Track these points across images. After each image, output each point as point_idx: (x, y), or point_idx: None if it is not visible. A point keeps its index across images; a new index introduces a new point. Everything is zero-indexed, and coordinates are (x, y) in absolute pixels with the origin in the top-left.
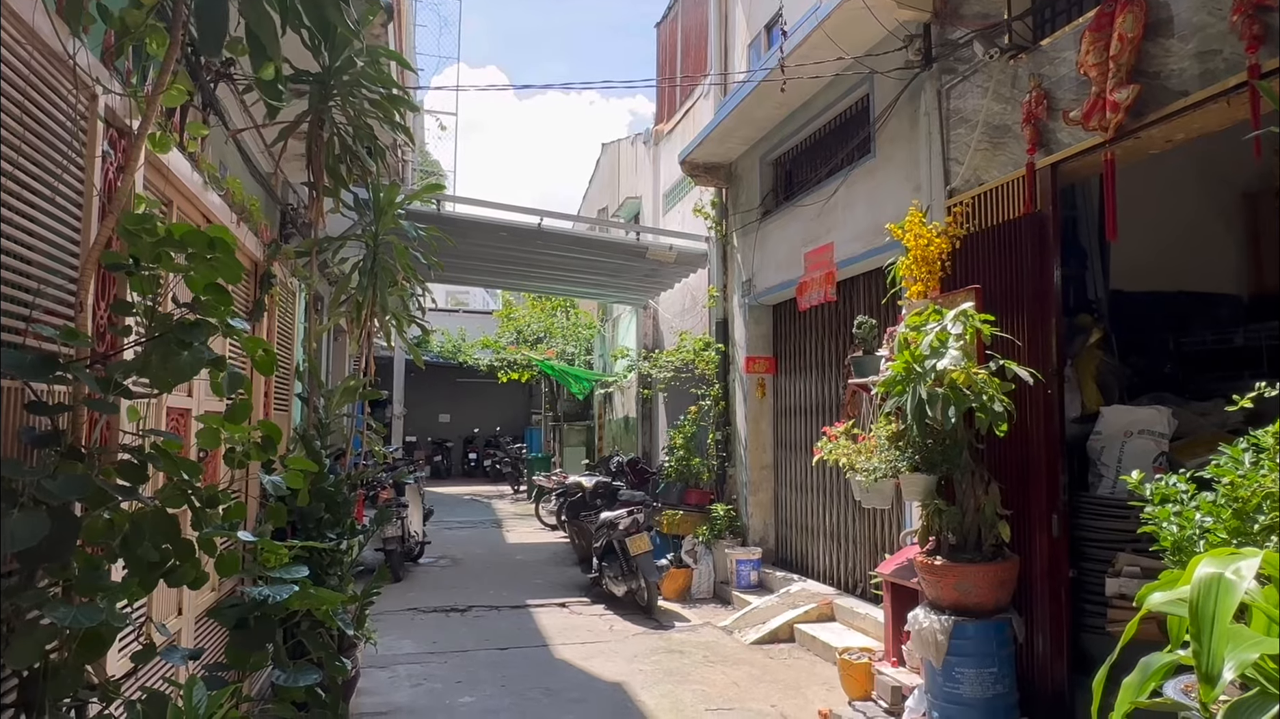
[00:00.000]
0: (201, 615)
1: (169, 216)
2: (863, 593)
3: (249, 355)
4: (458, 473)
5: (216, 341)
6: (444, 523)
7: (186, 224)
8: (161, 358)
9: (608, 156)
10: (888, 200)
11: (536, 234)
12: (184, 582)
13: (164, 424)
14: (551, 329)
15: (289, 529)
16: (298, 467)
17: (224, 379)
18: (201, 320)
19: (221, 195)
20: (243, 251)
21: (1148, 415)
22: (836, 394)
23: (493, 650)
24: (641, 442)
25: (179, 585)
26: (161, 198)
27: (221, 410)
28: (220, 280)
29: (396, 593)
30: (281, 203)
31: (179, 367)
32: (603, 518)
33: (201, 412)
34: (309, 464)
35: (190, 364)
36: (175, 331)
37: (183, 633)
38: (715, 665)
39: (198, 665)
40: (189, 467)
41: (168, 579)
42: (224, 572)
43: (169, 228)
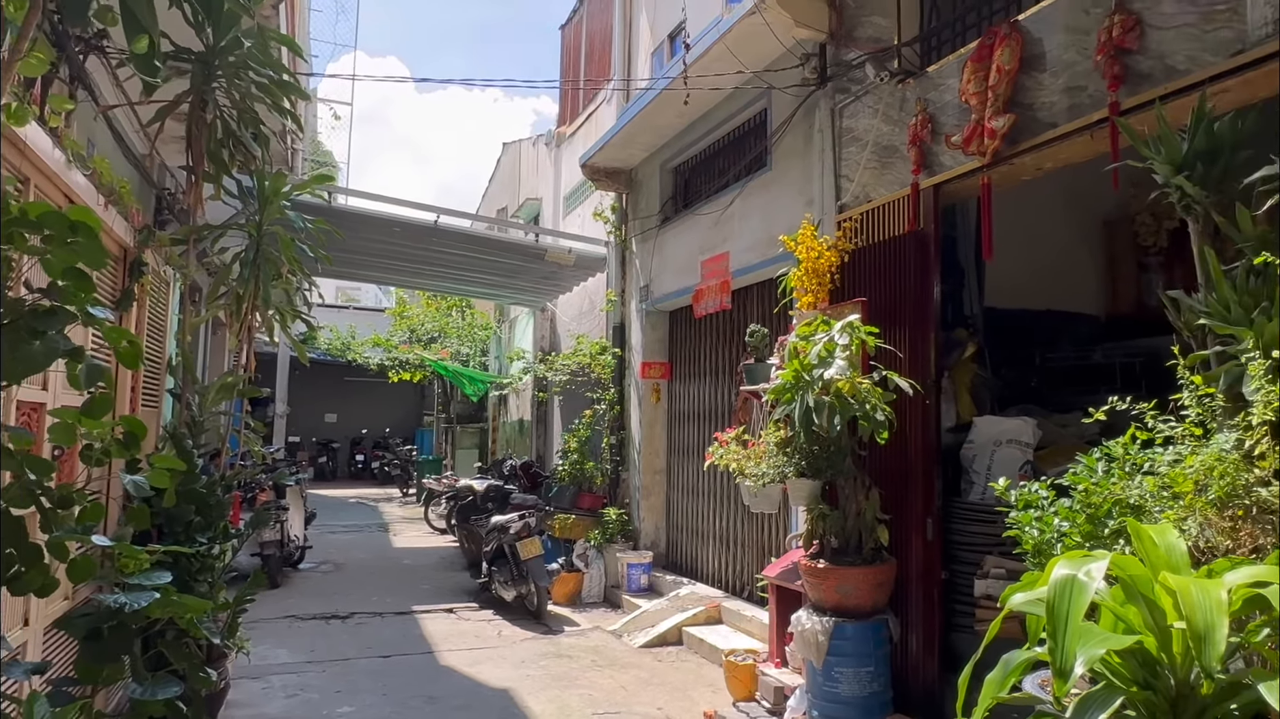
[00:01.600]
0: (50, 626)
1: (25, 195)
2: (750, 596)
3: (112, 347)
4: (344, 475)
5: (76, 331)
6: (328, 526)
7: (45, 204)
8: (10, 346)
9: (509, 156)
10: (782, 213)
11: (432, 232)
12: (29, 589)
13: (13, 419)
14: (446, 329)
15: (155, 533)
16: (164, 465)
17: (82, 371)
18: (58, 308)
19: (87, 175)
20: (110, 236)
21: (1015, 426)
22: (729, 400)
23: (375, 658)
24: (536, 445)
25: (24, 593)
26: (17, 174)
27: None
28: (81, 265)
29: (274, 599)
30: (157, 187)
31: (29, 356)
32: (494, 522)
33: (58, 405)
34: (176, 463)
35: (43, 354)
36: (26, 318)
37: (29, 645)
38: (603, 669)
39: (43, 680)
40: (37, 464)
41: (11, 587)
42: (76, 578)
43: (23, 207)
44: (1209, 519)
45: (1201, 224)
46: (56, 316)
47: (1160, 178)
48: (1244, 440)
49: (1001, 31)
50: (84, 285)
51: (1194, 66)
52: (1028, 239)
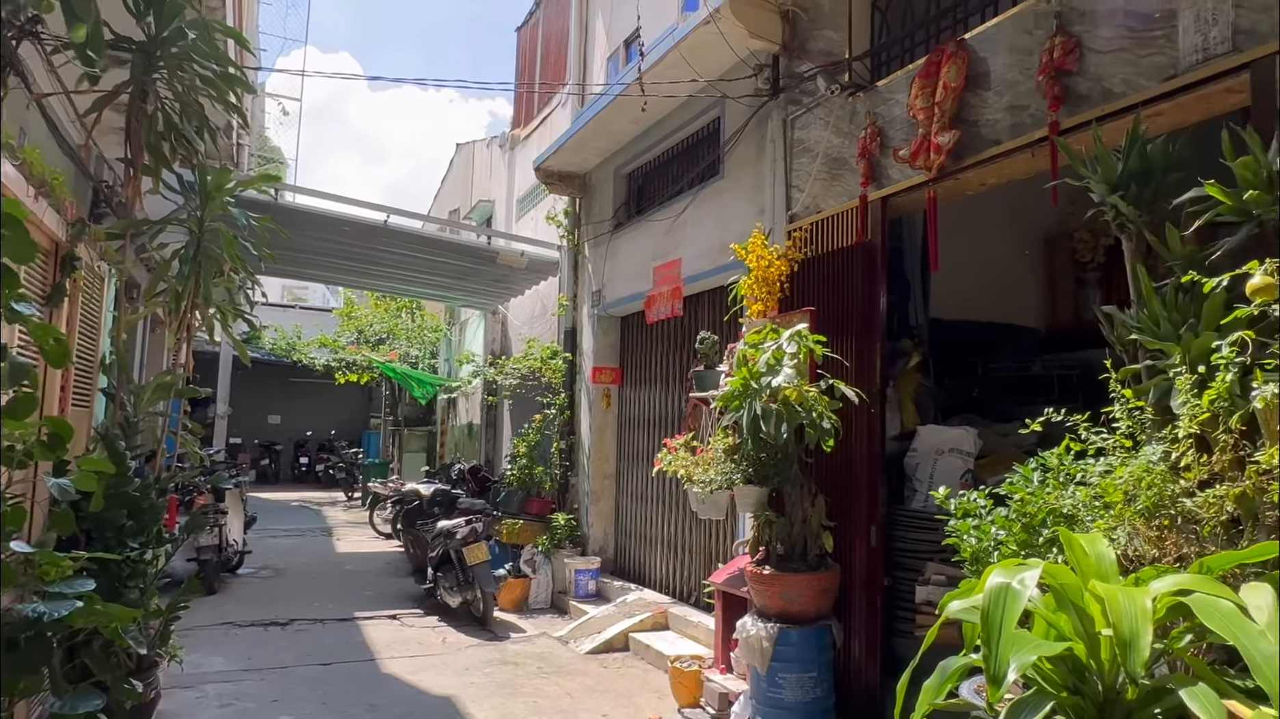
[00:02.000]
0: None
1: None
2: (696, 602)
3: (39, 344)
4: (287, 478)
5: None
6: (269, 531)
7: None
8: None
9: (462, 157)
10: (734, 221)
11: (382, 231)
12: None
13: None
14: (395, 330)
15: (84, 538)
16: (91, 468)
17: (4, 369)
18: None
19: (16, 165)
20: (40, 229)
21: (957, 435)
22: (679, 407)
23: (315, 666)
24: (485, 449)
25: None
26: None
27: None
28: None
29: (211, 606)
30: (94, 179)
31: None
32: (440, 527)
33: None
34: (105, 465)
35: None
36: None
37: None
38: (549, 677)
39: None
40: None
41: None
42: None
43: None
44: (1137, 528)
45: (1134, 242)
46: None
47: (1096, 196)
48: (1170, 452)
49: (949, 49)
50: (9, 280)
51: (1129, 90)
52: (972, 253)
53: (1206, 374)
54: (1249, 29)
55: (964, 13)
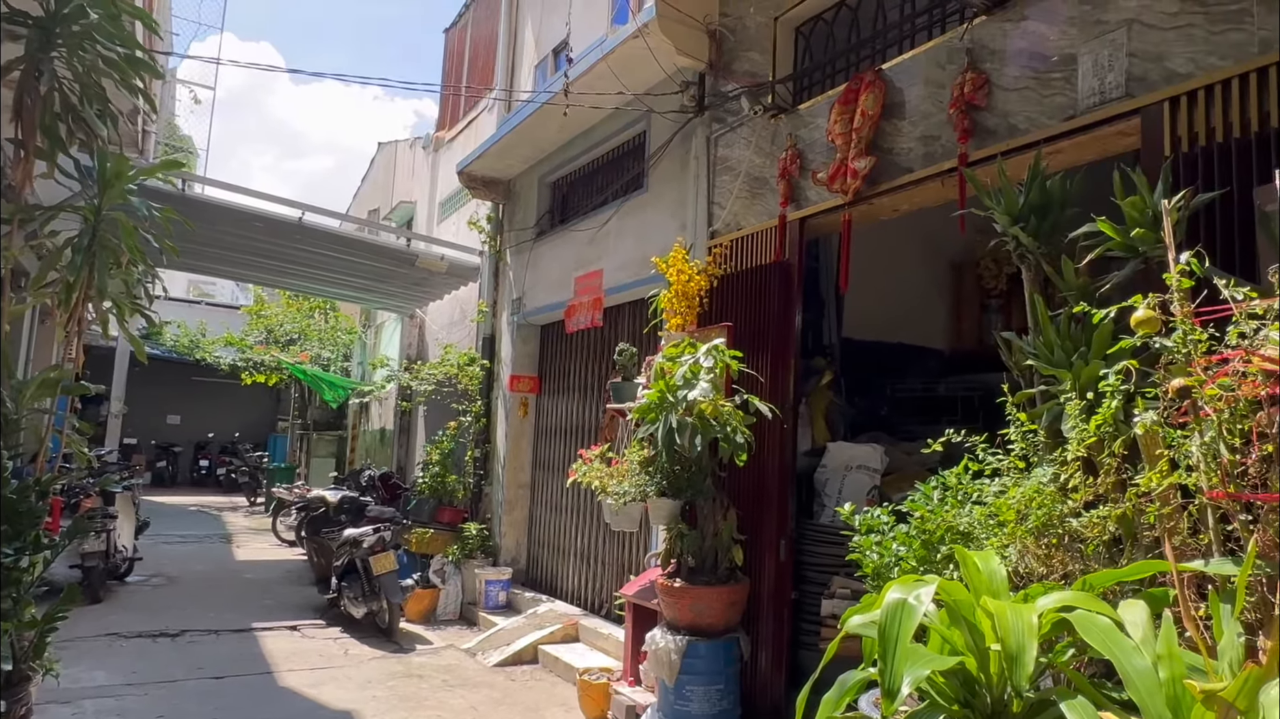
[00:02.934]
0: None
1: None
2: (607, 614)
3: None
4: (186, 481)
5: None
6: (163, 536)
7: None
8: None
9: (384, 156)
10: (656, 234)
11: (297, 229)
12: None
13: None
14: (307, 331)
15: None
16: None
17: None
18: None
19: None
20: None
21: (865, 452)
22: (597, 418)
23: (206, 679)
24: (397, 455)
25: None
26: None
27: None
28: None
29: (95, 615)
30: (17, 205)
31: None
32: (346, 535)
33: None
34: None
35: None
36: None
37: None
38: (454, 689)
39: None
40: None
41: None
42: None
43: None
44: (1028, 546)
45: (1033, 272)
46: None
47: (1000, 227)
48: (1060, 474)
49: (867, 78)
50: None
51: (1033, 127)
52: (884, 276)
53: (1094, 400)
54: (1141, 76)
55: (883, 44)
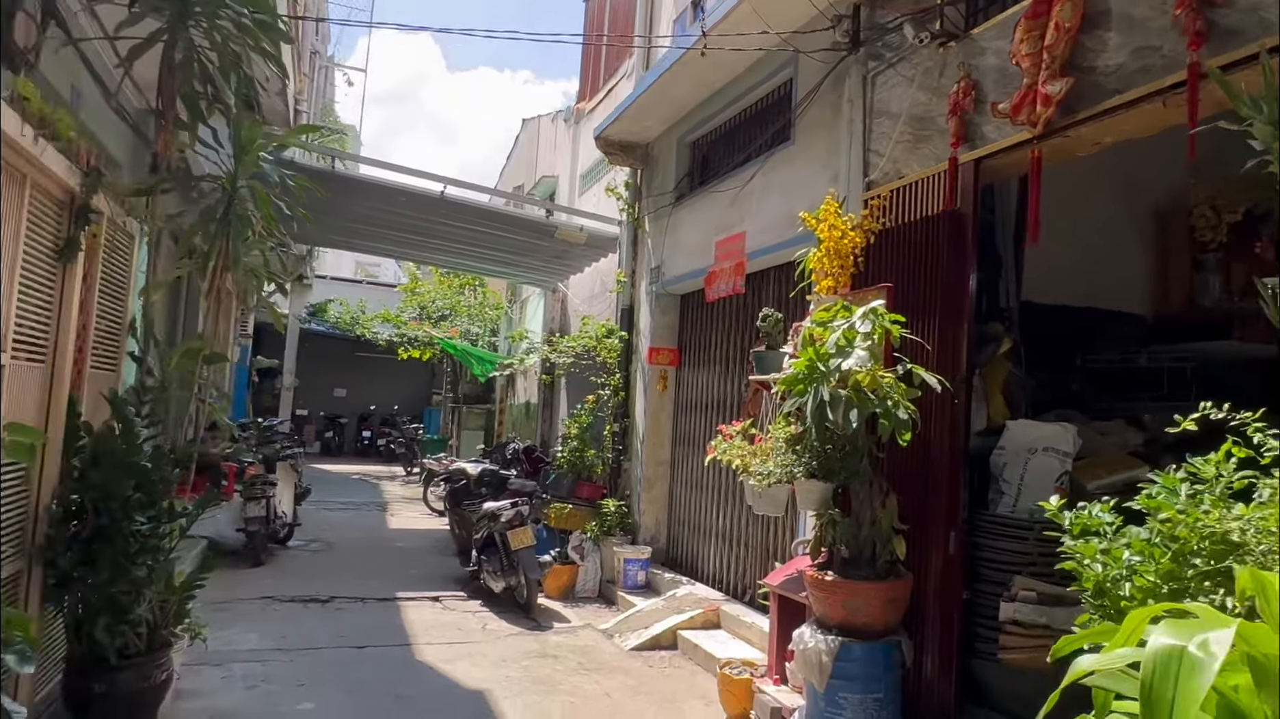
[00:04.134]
0: None
1: None
2: (751, 600)
3: None
4: (350, 451)
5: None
6: (325, 503)
7: None
8: None
9: (527, 133)
10: (804, 190)
11: (439, 203)
12: None
13: None
14: (457, 307)
15: (93, 509)
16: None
17: None
18: None
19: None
20: (46, 175)
21: (1053, 432)
22: (740, 391)
23: (348, 648)
24: (541, 429)
25: None
26: None
27: None
28: None
29: (255, 579)
30: (153, 146)
31: None
32: (485, 508)
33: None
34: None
35: None
36: None
37: None
38: (589, 673)
39: None
40: None
41: None
42: None
43: None
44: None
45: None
46: None
47: (1259, 143)
48: None
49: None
50: None
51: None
52: (1071, 228)
53: None
54: None
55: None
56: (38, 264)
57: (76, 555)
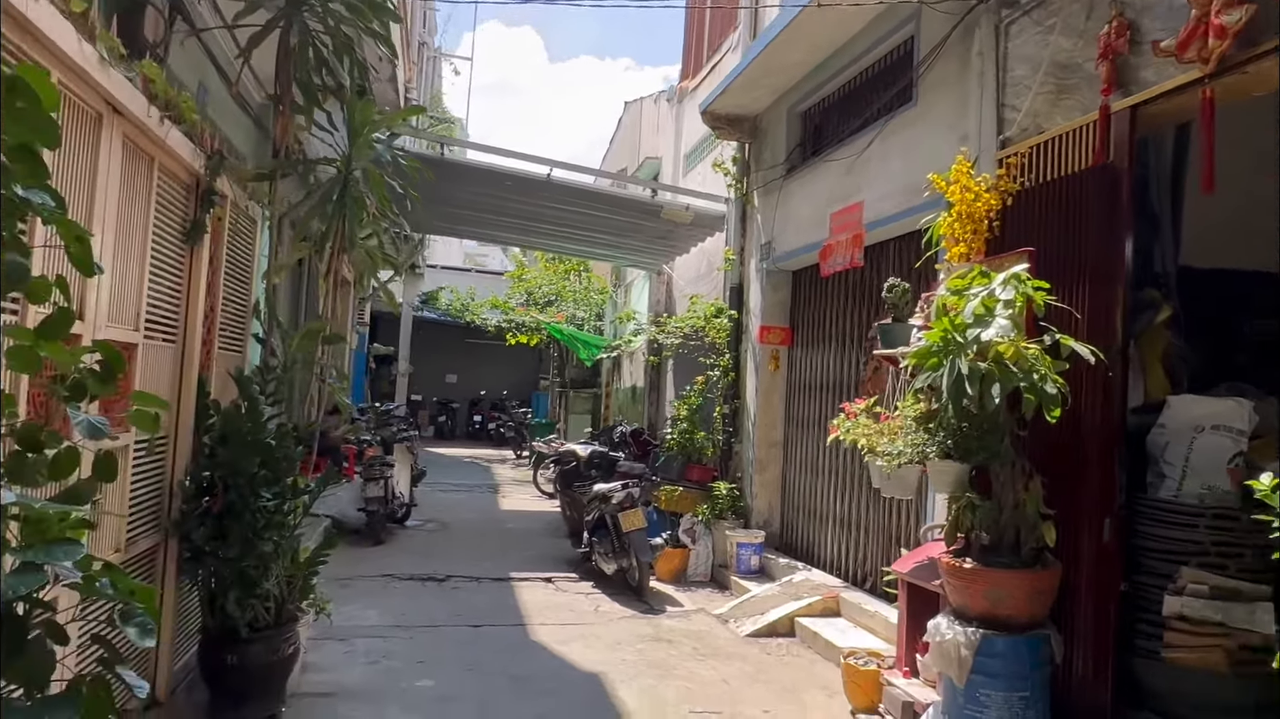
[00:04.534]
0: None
1: None
2: (873, 588)
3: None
4: (462, 434)
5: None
6: (439, 485)
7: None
8: None
9: (630, 115)
10: (928, 153)
11: (544, 185)
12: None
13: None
14: (563, 292)
15: (222, 486)
16: (145, 404)
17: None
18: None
19: (132, 78)
20: (172, 158)
21: (1226, 409)
22: (855, 370)
23: (464, 627)
24: (648, 412)
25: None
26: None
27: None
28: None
29: (375, 557)
30: (279, 160)
31: None
32: (595, 490)
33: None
34: (159, 402)
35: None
36: None
37: None
38: (705, 659)
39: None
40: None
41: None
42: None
43: None
44: None
45: None
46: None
47: None
48: None
49: None
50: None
51: None
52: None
53: None
54: None
55: None
56: (167, 246)
57: (209, 530)
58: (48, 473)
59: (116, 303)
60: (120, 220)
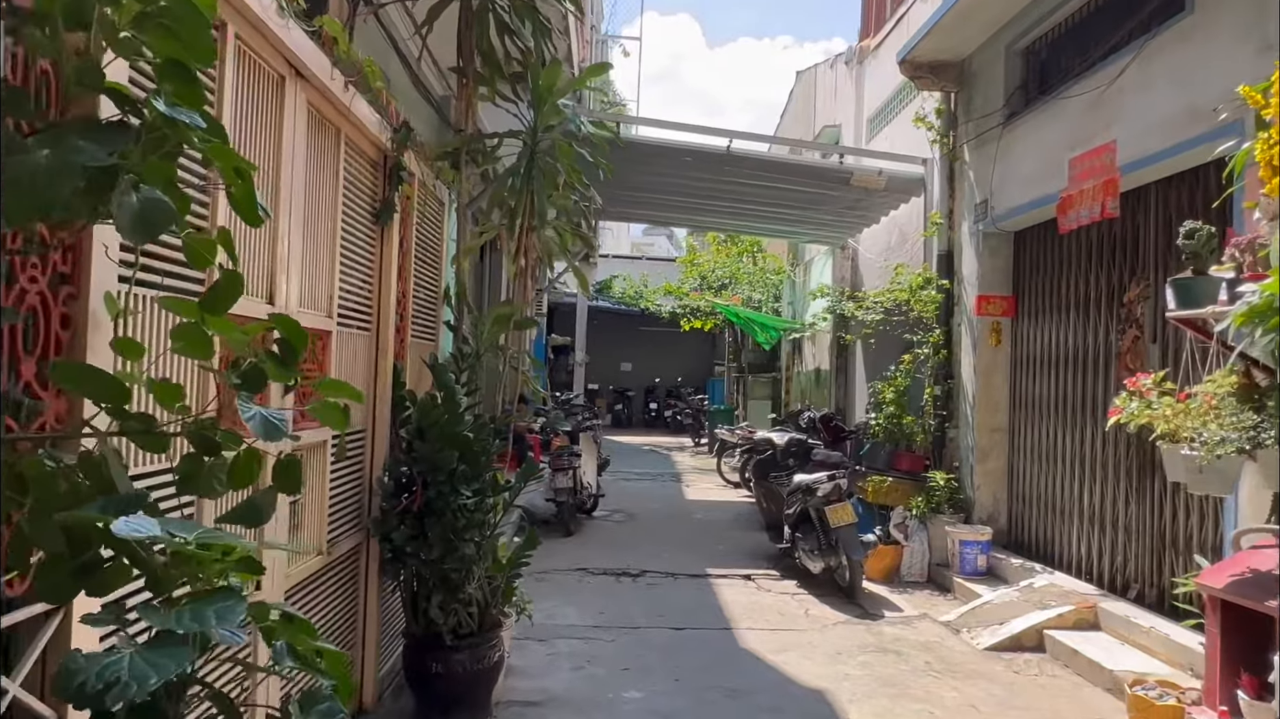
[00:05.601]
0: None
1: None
2: (1139, 598)
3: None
4: (638, 422)
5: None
6: (622, 473)
7: None
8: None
9: (802, 86)
10: (1211, 73)
11: (724, 159)
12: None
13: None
14: (737, 275)
15: (420, 483)
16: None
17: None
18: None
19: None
20: (360, 130)
21: None
22: (1104, 342)
23: (666, 630)
24: (835, 396)
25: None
26: None
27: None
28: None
29: (567, 549)
30: (464, 136)
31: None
32: (796, 481)
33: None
34: (352, 392)
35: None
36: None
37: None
38: (942, 677)
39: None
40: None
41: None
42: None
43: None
44: None
45: None
46: (103, 131)
47: None
48: None
49: None
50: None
51: None
52: None
53: None
54: None
55: None
56: (357, 227)
57: (409, 529)
58: (226, 479)
59: (308, 286)
60: (309, 197)
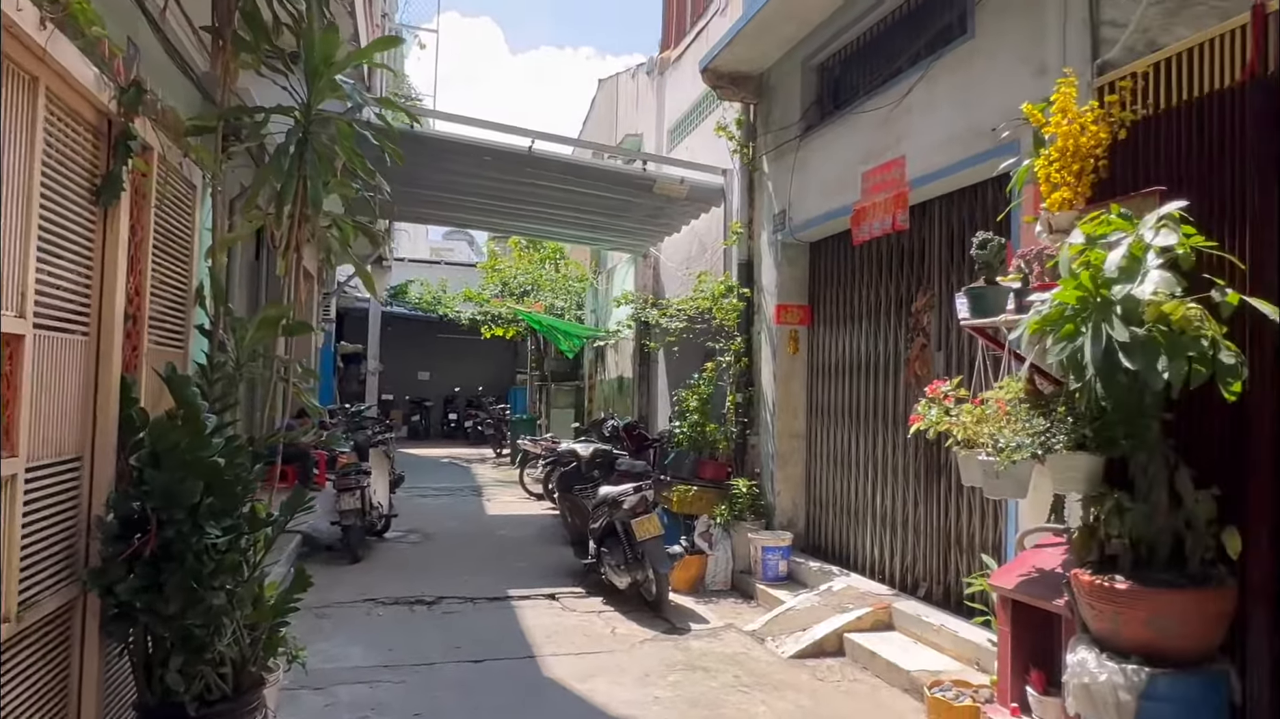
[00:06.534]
0: None
1: None
2: (929, 595)
3: None
4: (437, 434)
5: None
6: (419, 489)
7: None
8: None
9: (605, 93)
10: (991, 92)
11: (526, 160)
12: None
13: None
14: (540, 281)
15: (155, 521)
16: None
17: None
18: None
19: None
20: (68, 84)
21: None
22: (893, 349)
23: (465, 664)
24: (638, 404)
25: None
26: None
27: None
28: None
29: (354, 576)
30: (221, 108)
31: None
32: (602, 493)
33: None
34: None
35: None
36: None
37: None
38: (750, 691)
39: None
40: None
41: None
42: None
43: None
44: None
45: None
46: None
47: None
48: None
49: None
50: None
51: None
52: None
53: None
54: None
55: None
56: (67, 206)
57: (139, 579)
58: None
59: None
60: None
